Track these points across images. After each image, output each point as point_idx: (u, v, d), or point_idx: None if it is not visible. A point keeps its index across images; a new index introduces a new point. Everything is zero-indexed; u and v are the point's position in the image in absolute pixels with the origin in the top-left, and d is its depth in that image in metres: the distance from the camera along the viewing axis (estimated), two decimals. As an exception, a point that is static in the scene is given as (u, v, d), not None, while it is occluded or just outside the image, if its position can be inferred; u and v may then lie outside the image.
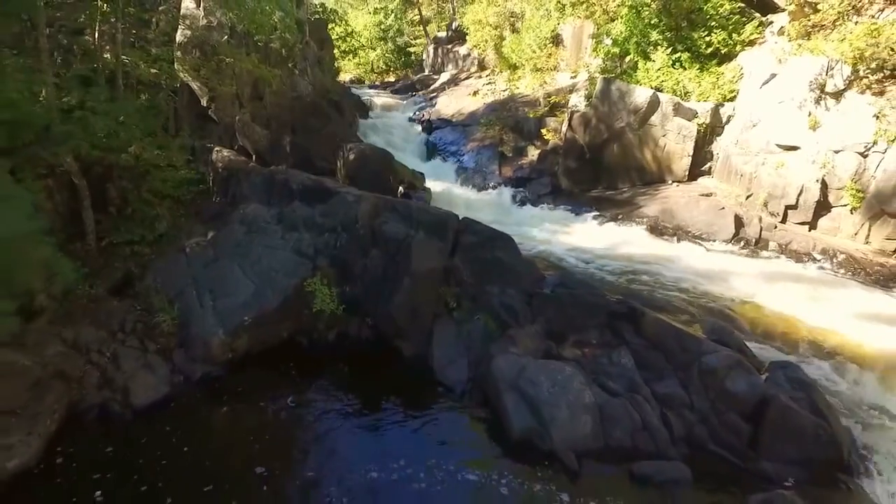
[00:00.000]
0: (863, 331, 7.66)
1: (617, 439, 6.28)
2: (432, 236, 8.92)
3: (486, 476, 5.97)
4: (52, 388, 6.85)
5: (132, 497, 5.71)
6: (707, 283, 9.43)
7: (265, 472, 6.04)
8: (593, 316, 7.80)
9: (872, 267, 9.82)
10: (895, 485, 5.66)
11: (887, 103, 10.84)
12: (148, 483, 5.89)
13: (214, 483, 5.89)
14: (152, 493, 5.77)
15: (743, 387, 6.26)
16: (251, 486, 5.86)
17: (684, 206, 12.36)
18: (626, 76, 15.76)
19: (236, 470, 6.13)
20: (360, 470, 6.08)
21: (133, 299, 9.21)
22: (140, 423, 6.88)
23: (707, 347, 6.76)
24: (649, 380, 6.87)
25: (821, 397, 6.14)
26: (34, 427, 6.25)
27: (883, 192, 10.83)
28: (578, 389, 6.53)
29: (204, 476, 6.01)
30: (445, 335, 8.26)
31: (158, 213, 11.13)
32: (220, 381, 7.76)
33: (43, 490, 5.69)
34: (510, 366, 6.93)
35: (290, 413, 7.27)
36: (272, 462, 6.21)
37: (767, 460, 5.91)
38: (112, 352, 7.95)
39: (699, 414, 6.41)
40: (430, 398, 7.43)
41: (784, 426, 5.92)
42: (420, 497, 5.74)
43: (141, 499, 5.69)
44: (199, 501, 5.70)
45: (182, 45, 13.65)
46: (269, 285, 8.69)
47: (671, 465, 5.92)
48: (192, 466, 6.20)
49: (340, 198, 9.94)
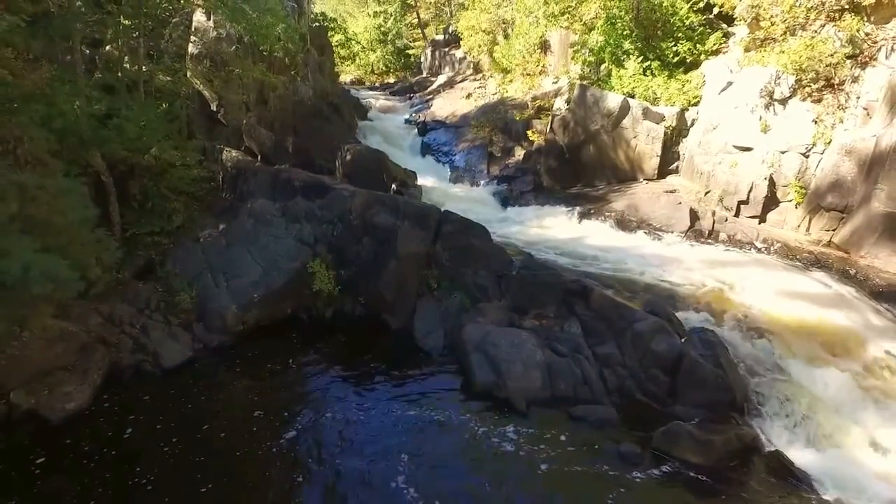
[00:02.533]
0: (777, 304, 9.00)
1: (561, 390, 7.65)
2: (416, 226, 10.29)
3: (453, 418, 7.36)
4: (96, 350, 8.26)
5: (163, 433, 7.11)
6: (658, 267, 10.77)
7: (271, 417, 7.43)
8: (551, 293, 9.17)
9: (802, 254, 11.15)
10: (775, 421, 7.04)
11: (824, 109, 12.17)
12: (175, 424, 7.30)
13: (226, 425, 7.29)
14: (179, 430, 7.17)
15: (664, 347, 7.63)
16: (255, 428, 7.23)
17: (647, 202, 13.69)
18: (602, 82, 17.09)
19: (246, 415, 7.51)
20: (350, 416, 7.47)
21: (155, 282, 10.57)
22: (169, 379, 8.30)
23: (639, 316, 8.13)
24: (593, 344, 8.25)
25: (724, 354, 7.49)
26: (85, 379, 7.66)
27: (820, 188, 12.15)
28: (531, 350, 7.91)
29: (219, 420, 7.43)
30: (427, 310, 9.65)
31: (175, 207, 12.48)
32: (233, 349, 9.18)
33: (96, 425, 7.13)
34: (477, 331, 8.33)
35: (292, 374, 8.69)
36: (276, 411, 7.61)
37: (680, 404, 7.29)
38: (141, 324, 9.37)
39: (630, 370, 7.78)
40: (411, 361, 8.83)
41: (693, 377, 7.30)
42: (399, 435, 7.13)
43: (170, 434, 7.08)
44: (213, 439, 7.07)
45: (194, 55, 15.04)
46: (275, 268, 10.07)
47: (601, 408, 7.31)
48: (210, 413, 7.61)
49: (337, 193, 11.32)
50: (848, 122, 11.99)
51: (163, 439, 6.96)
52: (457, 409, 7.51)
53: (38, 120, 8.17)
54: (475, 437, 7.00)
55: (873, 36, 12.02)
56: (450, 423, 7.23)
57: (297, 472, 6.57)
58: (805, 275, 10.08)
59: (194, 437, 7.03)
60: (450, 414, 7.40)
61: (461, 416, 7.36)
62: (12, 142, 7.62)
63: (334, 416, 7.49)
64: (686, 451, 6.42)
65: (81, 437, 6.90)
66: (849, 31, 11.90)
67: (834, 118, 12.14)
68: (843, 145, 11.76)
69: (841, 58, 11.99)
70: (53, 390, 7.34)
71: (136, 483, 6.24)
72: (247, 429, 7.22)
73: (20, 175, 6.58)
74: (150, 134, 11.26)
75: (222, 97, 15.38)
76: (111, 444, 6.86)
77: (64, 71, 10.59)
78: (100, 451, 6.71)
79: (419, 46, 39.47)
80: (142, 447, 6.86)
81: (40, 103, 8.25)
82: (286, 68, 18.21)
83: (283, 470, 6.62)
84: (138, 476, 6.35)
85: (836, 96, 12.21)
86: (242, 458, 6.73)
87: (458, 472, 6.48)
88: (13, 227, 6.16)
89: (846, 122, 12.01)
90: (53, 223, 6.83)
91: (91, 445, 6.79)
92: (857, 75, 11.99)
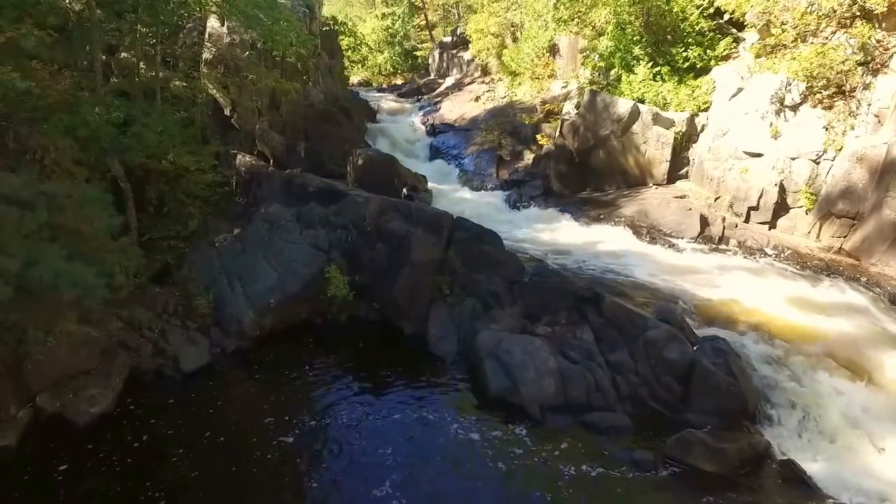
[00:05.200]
0: (789, 312, 9.08)
1: (574, 397, 7.76)
2: (429, 232, 10.42)
3: (467, 424, 7.48)
4: (118, 354, 8.44)
5: (183, 437, 7.27)
6: (669, 273, 10.86)
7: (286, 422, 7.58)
8: (563, 300, 9.28)
9: (813, 261, 11.22)
10: (787, 430, 7.13)
11: (834, 116, 12.23)
12: (195, 428, 7.47)
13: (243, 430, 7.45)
14: (198, 435, 7.33)
15: (677, 355, 7.73)
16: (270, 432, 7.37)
17: (657, 208, 13.78)
18: (612, 88, 17.17)
19: (263, 418, 7.65)
20: (365, 422, 7.61)
21: (173, 286, 10.72)
22: (188, 383, 8.46)
23: (651, 324, 8.23)
24: (605, 351, 8.35)
25: (736, 362, 7.58)
26: (108, 383, 7.83)
27: (831, 195, 12.21)
28: (544, 357, 8.03)
29: (236, 424, 7.59)
30: (440, 316, 9.77)
31: (191, 211, 12.62)
32: (250, 353, 9.33)
33: (120, 429, 7.29)
34: (490, 338, 8.45)
35: (308, 378, 8.83)
36: (291, 416, 7.75)
37: (692, 412, 7.39)
38: (160, 329, 9.52)
39: (642, 377, 7.88)
40: (425, 367, 8.96)
41: (705, 385, 7.40)
42: (412, 441, 7.26)
43: (190, 436, 7.27)
44: (234, 440, 7.24)
45: (208, 61, 15.23)
46: (291, 274, 10.22)
47: (613, 415, 7.42)
48: (227, 418, 7.77)
49: (350, 199, 11.46)
50: (859, 129, 12.04)
51: (183, 444, 7.13)
52: (471, 415, 7.64)
53: (62, 129, 8.37)
54: (490, 443, 7.12)
55: (885, 43, 12.07)
56: (465, 428, 7.35)
57: (311, 478, 6.72)
58: (817, 282, 10.14)
59: (213, 442, 7.19)
60: (464, 420, 7.53)
61: (476, 422, 7.49)
62: (39, 151, 7.83)
63: (349, 422, 7.63)
64: (699, 459, 6.52)
65: (105, 441, 7.06)
66: (860, 39, 11.94)
67: (845, 125, 12.20)
68: (855, 152, 11.82)
69: (852, 65, 12.05)
70: (78, 394, 7.52)
71: (155, 488, 6.39)
72: (263, 433, 7.35)
73: (48, 185, 6.77)
74: (167, 140, 11.43)
75: (236, 102, 15.56)
76: (133, 447, 7.03)
77: (84, 79, 10.79)
78: (123, 454, 6.88)
79: (427, 48, 39.61)
80: (163, 451, 7.02)
81: (65, 113, 8.44)
82: (298, 73, 18.38)
83: (297, 475, 6.79)
84: (159, 480, 6.51)
85: (847, 103, 12.27)
86: (257, 462, 6.87)
87: (473, 478, 6.61)
88: (42, 236, 6.34)
89: (857, 129, 12.07)
90: (80, 231, 7.02)
91: (114, 449, 6.95)
92: (869, 82, 12.05)
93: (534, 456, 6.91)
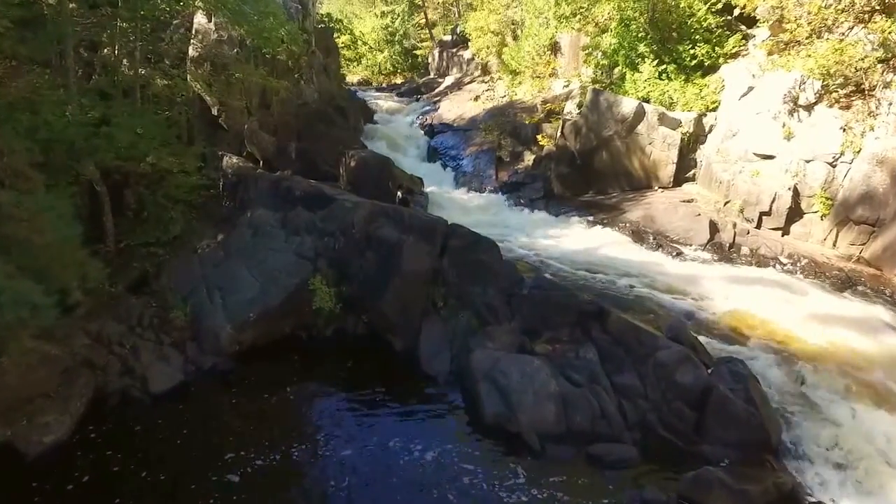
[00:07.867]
0: (808, 329, 8.38)
1: (577, 424, 7.07)
2: (422, 240, 9.73)
3: (459, 455, 6.80)
4: (81, 375, 7.76)
5: (151, 468, 6.59)
6: (678, 285, 10.18)
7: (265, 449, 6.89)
8: (565, 315, 8.58)
9: (831, 271, 10.52)
10: (814, 467, 6.43)
11: (853, 116, 11.53)
12: (161, 457, 6.80)
13: (220, 458, 6.75)
14: (168, 465, 6.66)
15: (690, 379, 7.03)
16: (251, 461, 6.71)
17: (664, 212, 13.09)
18: (616, 86, 16.49)
19: (240, 447, 6.97)
20: (349, 450, 6.93)
21: (149, 296, 10.05)
22: (158, 406, 7.77)
23: (662, 343, 7.54)
24: (610, 372, 7.66)
25: (755, 388, 6.90)
26: (66, 408, 7.15)
27: (849, 200, 11.52)
28: (544, 380, 7.34)
29: (211, 452, 6.89)
30: (432, 331, 9.09)
31: (172, 216, 11.97)
32: (228, 371, 8.63)
33: (76, 461, 6.60)
34: (486, 358, 7.77)
35: (291, 399, 8.15)
36: (270, 442, 7.06)
37: (707, 443, 6.69)
38: (132, 344, 8.83)
39: (652, 403, 7.19)
40: (416, 388, 8.29)
41: (722, 413, 6.70)
42: (401, 470, 6.59)
43: (158, 470, 6.57)
44: (206, 474, 6.55)
45: (194, 59, 14.57)
46: (273, 284, 9.54)
47: (620, 447, 6.73)
48: (202, 444, 7.09)
49: (339, 204, 10.79)
50: (879, 129, 11.35)
51: (147, 475, 6.46)
52: (464, 444, 6.96)
53: (21, 130, 7.71)
54: (484, 477, 6.44)
55: (907, 39, 11.36)
56: (457, 460, 6.67)
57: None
58: (838, 296, 9.43)
59: (177, 477, 6.50)
60: (457, 450, 6.85)
61: (469, 453, 6.81)
62: (-9, 155, 7.16)
63: (333, 450, 6.96)
64: (718, 502, 5.81)
65: (52, 476, 6.37)
66: (881, 34, 11.24)
67: (864, 126, 11.50)
68: (875, 154, 11.14)
69: (872, 62, 11.36)
70: (32, 420, 6.85)
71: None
72: (235, 465, 6.67)
73: (-6, 193, 6.11)
74: (145, 141, 10.78)
75: (223, 101, 14.91)
76: (89, 483, 6.35)
77: (57, 76, 10.14)
78: (72, 493, 6.20)
79: (427, 47, 38.97)
80: (118, 488, 6.31)
81: (24, 112, 7.78)
82: (289, 71, 17.71)
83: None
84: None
85: (866, 102, 11.58)
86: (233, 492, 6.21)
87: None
88: (-16, 250, 5.70)
89: (877, 129, 11.37)
90: (31, 243, 6.37)
91: (63, 485, 6.27)
92: (890, 80, 11.36)
93: (532, 491, 6.25)
